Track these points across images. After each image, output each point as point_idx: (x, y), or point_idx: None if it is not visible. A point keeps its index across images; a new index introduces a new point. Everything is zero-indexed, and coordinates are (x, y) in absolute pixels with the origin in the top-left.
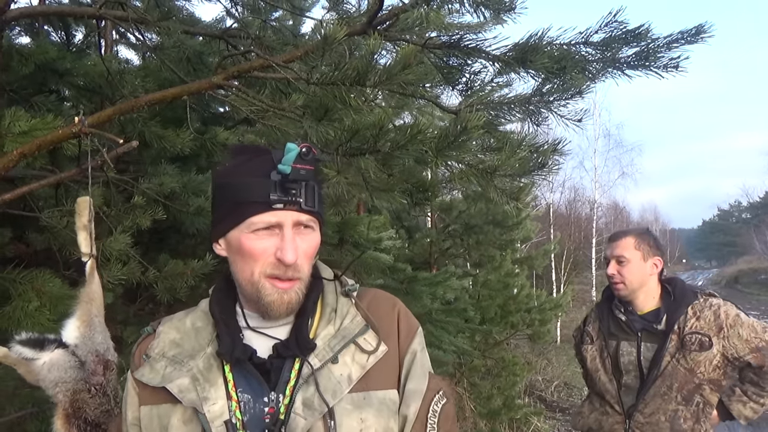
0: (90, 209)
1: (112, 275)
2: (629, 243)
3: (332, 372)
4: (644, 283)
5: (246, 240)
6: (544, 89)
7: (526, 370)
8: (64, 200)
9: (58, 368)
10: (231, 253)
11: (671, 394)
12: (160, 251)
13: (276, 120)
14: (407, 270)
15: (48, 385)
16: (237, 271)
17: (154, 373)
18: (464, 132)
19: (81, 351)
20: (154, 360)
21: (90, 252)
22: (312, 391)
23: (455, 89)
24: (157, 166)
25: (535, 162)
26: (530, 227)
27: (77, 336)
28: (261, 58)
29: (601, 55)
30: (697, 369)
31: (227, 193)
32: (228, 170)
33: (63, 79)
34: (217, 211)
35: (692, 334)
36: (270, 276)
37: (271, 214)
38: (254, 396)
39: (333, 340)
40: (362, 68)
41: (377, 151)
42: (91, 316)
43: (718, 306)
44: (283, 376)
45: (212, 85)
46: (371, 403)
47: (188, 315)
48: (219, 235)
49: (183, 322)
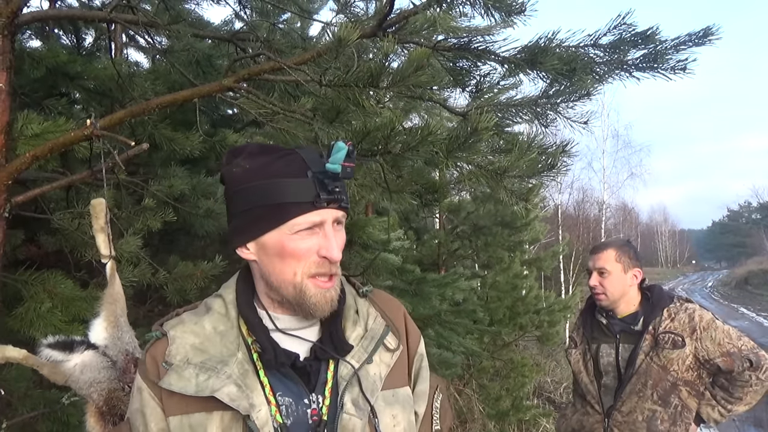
0: (106, 211)
1: (123, 277)
2: (610, 255)
3: (368, 372)
4: (625, 293)
5: (288, 241)
6: (551, 91)
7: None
8: (76, 202)
9: (91, 369)
10: (265, 257)
11: (646, 391)
12: (170, 253)
13: (285, 123)
14: (416, 271)
15: (81, 386)
16: (273, 274)
17: (185, 382)
18: (474, 133)
19: (111, 351)
20: (179, 367)
21: (110, 254)
22: (357, 392)
23: (465, 91)
24: (167, 169)
25: (544, 163)
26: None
27: (106, 337)
28: (272, 60)
29: (609, 57)
30: (670, 366)
31: (259, 195)
32: (252, 172)
33: (74, 83)
34: (245, 216)
35: (665, 333)
36: (313, 275)
37: (316, 214)
38: (295, 399)
39: (365, 341)
40: (376, 70)
41: (388, 152)
42: (116, 317)
43: (693, 310)
44: (321, 378)
45: (222, 88)
46: (398, 399)
47: (203, 318)
48: (248, 239)
49: (200, 325)
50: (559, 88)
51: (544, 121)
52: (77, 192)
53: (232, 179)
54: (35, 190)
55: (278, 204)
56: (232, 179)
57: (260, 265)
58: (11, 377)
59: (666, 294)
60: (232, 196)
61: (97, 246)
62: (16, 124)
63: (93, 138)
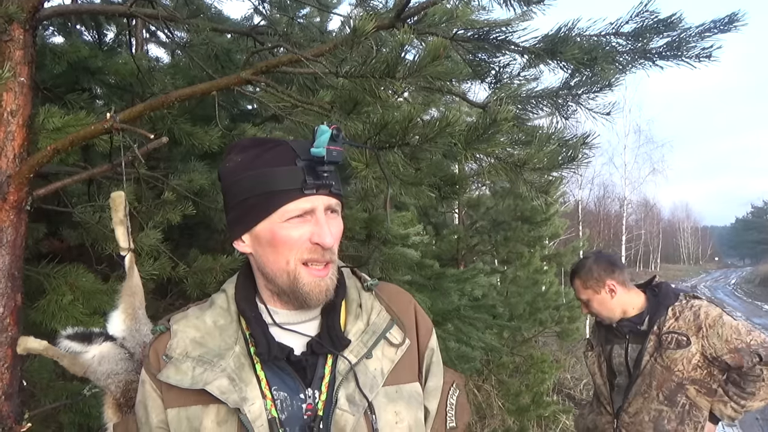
0: (125, 204)
1: (143, 270)
2: (578, 287)
3: (368, 367)
4: (613, 307)
5: (279, 230)
6: (572, 82)
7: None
8: (97, 196)
9: (109, 360)
10: (259, 247)
11: (651, 392)
12: (189, 247)
13: (303, 116)
14: (434, 266)
15: (99, 377)
16: (267, 264)
17: (182, 375)
18: (493, 125)
19: (129, 343)
20: (177, 360)
21: (128, 246)
22: (353, 387)
23: (484, 82)
24: (187, 163)
25: (564, 156)
26: (559, 224)
27: (124, 329)
28: (290, 52)
29: (631, 46)
30: (674, 367)
31: (249, 187)
32: (243, 164)
33: (95, 77)
34: (237, 208)
35: (669, 333)
36: (306, 261)
37: (305, 200)
38: (290, 393)
39: (365, 336)
40: (392, 61)
41: (406, 144)
42: (135, 309)
43: (699, 307)
44: (318, 372)
45: (241, 81)
46: (402, 396)
47: (205, 312)
48: (242, 231)
49: (201, 320)
50: (581, 79)
51: (565, 112)
52: (99, 186)
53: (226, 174)
54: (56, 184)
55: (267, 192)
56: (226, 174)
57: (255, 257)
58: (34, 369)
59: (672, 292)
60: (227, 190)
61: (117, 239)
62: (37, 118)
63: (113, 131)
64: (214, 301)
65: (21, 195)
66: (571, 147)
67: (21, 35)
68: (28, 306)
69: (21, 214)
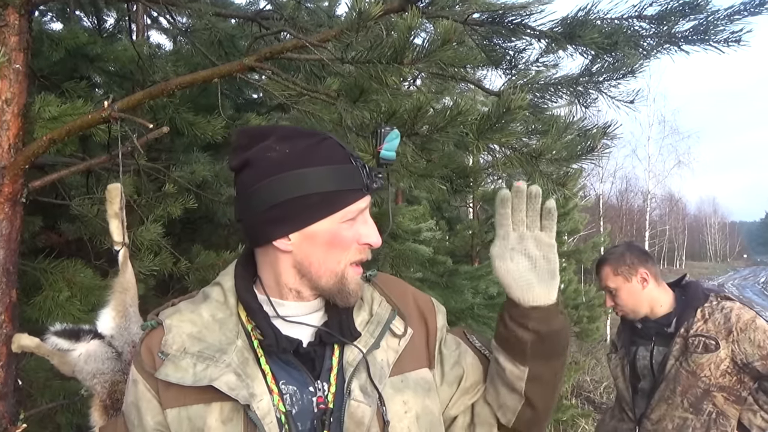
0: (121, 196)
1: (143, 266)
2: (607, 273)
3: (375, 357)
4: (642, 300)
5: (339, 230)
6: (594, 68)
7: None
8: (95, 188)
9: (95, 359)
10: (309, 247)
11: (675, 398)
12: (192, 242)
13: (310, 105)
14: (447, 263)
15: (85, 377)
16: (312, 264)
17: (182, 372)
18: (507, 113)
19: (117, 342)
20: (175, 357)
21: (122, 241)
22: (364, 378)
23: (498, 69)
24: (189, 154)
25: (583, 146)
26: (578, 219)
27: (113, 327)
28: (295, 38)
29: (656, 30)
30: (700, 372)
31: (311, 182)
32: (296, 157)
33: (94, 65)
34: (289, 205)
35: (696, 336)
36: (354, 263)
37: (363, 201)
38: (300, 387)
39: (370, 326)
40: (400, 45)
41: (415, 134)
42: (126, 306)
43: (731, 309)
44: (325, 364)
45: (244, 67)
46: (408, 384)
47: (200, 306)
48: (292, 230)
49: (197, 314)
50: (602, 65)
51: (585, 101)
52: (97, 178)
53: (268, 164)
54: (53, 175)
55: (334, 191)
56: (268, 164)
57: (297, 257)
58: (30, 367)
59: (701, 292)
60: (266, 183)
61: (110, 232)
62: (33, 107)
63: (111, 121)
64: (209, 295)
65: (16, 187)
66: (591, 137)
67: (16, 20)
68: (23, 302)
69: (16, 206)
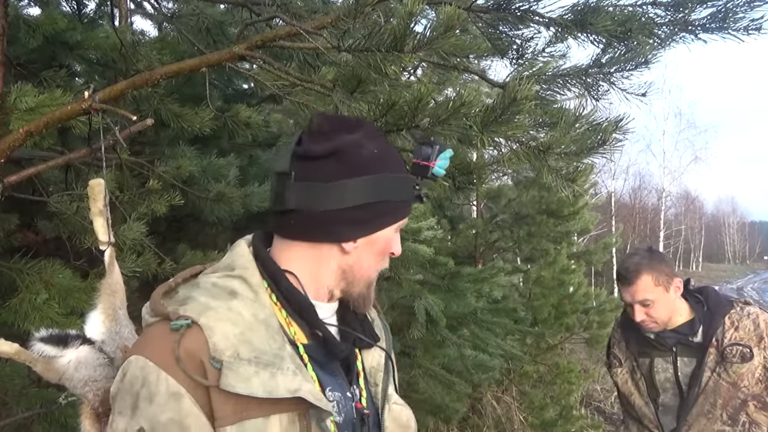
0: (105, 192)
1: (126, 267)
2: (648, 283)
3: None
4: (674, 310)
5: (392, 239)
6: (604, 59)
7: (583, 378)
8: (75, 184)
9: (86, 366)
10: (366, 252)
11: (715, 412)
12: (178, 241)
13: (304, 96)
14: (449, 264)
15: (76, 384)
16: (360, 269)
17: (246, 382)
18: (513, 105)
19: (109, 347)
20: (231, 364)
21: (108, 240)
22: (391, 381)
23: (504, 58)
24: (175, 148)
25: (593, 140)
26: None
27: (103, 331)
28: (288, 25)
29: (671, 17)
30: (741, 382)
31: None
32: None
33: (73, 53)
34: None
35: (733, 345)
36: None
37: None
38: (342, 393)
39: (375, 329)
40: (399, 32)
41: (416, 127)
42: (115, 309)
43: (757, 315)
44: (354, 368)
45: (233, 56)
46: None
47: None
48: (366, 233)
49: (234, 312)
50: (613, 55)
51: (595, 93)
52: (77, 173)
53: (360, 162)
54: (30, 170)
55: (404, 201)
56: (360, 162)
57: (350, 260)
58: (5, 374)
59: (723, 298)
60: (354, 181)
61: (95, 231)
62: (9, 98)
63: (92, 112)
64: (234, 290)
65: None
66: (602, 131)
67: None
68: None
69: None
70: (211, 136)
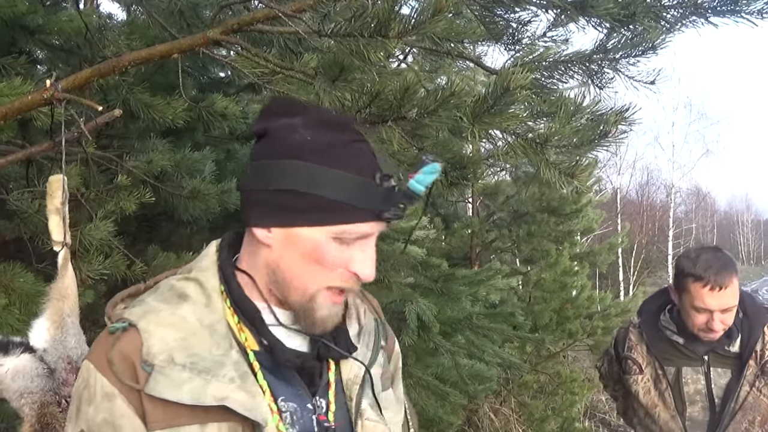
0: (64, 189)
1: (92, 269)
2: (736, 288)
3: (374, 373)
4: None
5: (326, 246)
6: (609, 44)
7: (587, 388)
8: (36, 180)
9: (24, 376)
10: (289, 251)
11: (754, 430)
12: (148, 242)
13: (285, 85)
14: (443, 266)
15: (12, 396)
16: (287, 271)
17: (176, 388)
18: (506, 94)
19: (50, 356)
20: (163, 368)
21: (63, 240)
22: (371, 395)
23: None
24: (145, 141)
25: (594, 131)
26: (593, 216)
27: (47, 339)
28: (266, 7)
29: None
30: None
31: (318, 182)
32: (317, 150)
33: (34, 38)
34: (287, 195)
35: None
36: (333, 288)
37: (372, 225)
38: (300, 404)
39: (363, 338)
40: (383, 16)
41: (402, 117)
42: (63, 316)
43: None
44: (323, 379)
45: (208, 41)
46: (390, 402)
47: (179, 307)
48: (276, 224)
49: (178, 316)
50: (619, 40)
51: (599, 80)
52: (39, 168)
53: (285, 145)
54: None
55: (338, 202)
56: (285, 145)
57: (275, 255)
58: None
59: (760, 304)
60: (275, 164)
61: (50, 230)
62: None
63: (54, 102)
64: (186, 293)
65: None
66: (605, 121)
67: None
68: None
69: None
70: (184, 129)
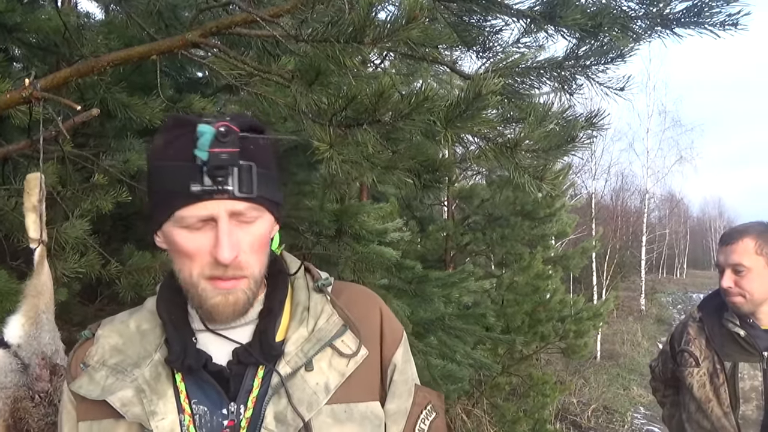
0: (41, 187)
1: (67, 267)
2: (748, 247)
3: (307, 381)
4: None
5: (178, 236)
6: (580, 51)
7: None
8: (12, 178)
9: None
10: (169, 249)
11: None
12: (124, 241)
13: (262, 87)
14: (417, 268)
15: None
16: (177, 270)
17: (94, 385)
18: (478, 99)
19: (24, 352)
20: (93, 369)
21: (39, 238)
22: (284, 404)
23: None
24: (122, 141)
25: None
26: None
27: (21, 335)
28: (244, 11)
29: (645, 11)
30: None
31: (153, 179)
32: (157, 149)
33: (12, 36)
34: (152, 198)
35: None
36: (210, 278)
37: (201, 206)
38: (211, 407)
39: (306, 344)
40: (359, 23)
41: (377, 121)
42: (38, 312)
43: None
44: (245, 384)
45: (186, 43)
46: (353, 417)
47: (132, 316)
48: (155, 227)
49: (126, 324)
50: (590, 48)
51: (570, 87)
52: (15, 166)
53: (149, 151)
54: None
55: (164, 192)
56: (149, 151)
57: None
58: None
59: None
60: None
61: (26, 227)
62: None
63: (32, 101)
64: (146, 304)
65: None
66: (572, 125)
67: None
68: None
69: None
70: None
